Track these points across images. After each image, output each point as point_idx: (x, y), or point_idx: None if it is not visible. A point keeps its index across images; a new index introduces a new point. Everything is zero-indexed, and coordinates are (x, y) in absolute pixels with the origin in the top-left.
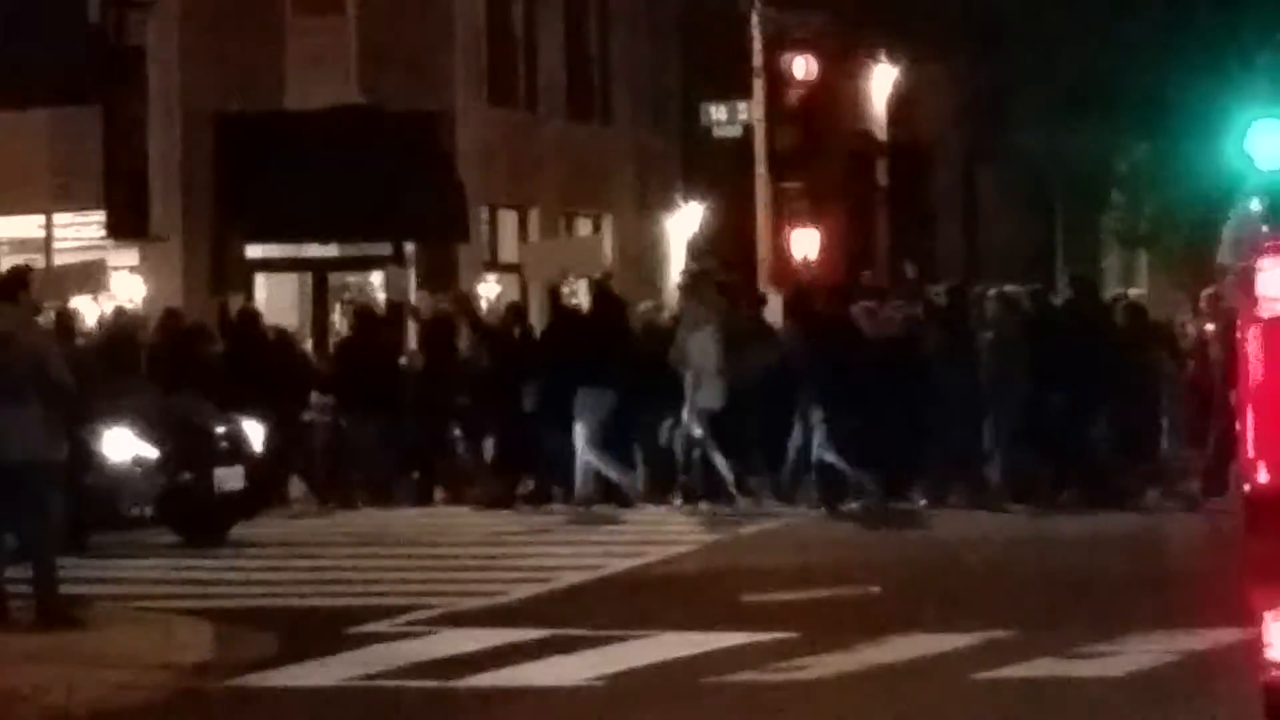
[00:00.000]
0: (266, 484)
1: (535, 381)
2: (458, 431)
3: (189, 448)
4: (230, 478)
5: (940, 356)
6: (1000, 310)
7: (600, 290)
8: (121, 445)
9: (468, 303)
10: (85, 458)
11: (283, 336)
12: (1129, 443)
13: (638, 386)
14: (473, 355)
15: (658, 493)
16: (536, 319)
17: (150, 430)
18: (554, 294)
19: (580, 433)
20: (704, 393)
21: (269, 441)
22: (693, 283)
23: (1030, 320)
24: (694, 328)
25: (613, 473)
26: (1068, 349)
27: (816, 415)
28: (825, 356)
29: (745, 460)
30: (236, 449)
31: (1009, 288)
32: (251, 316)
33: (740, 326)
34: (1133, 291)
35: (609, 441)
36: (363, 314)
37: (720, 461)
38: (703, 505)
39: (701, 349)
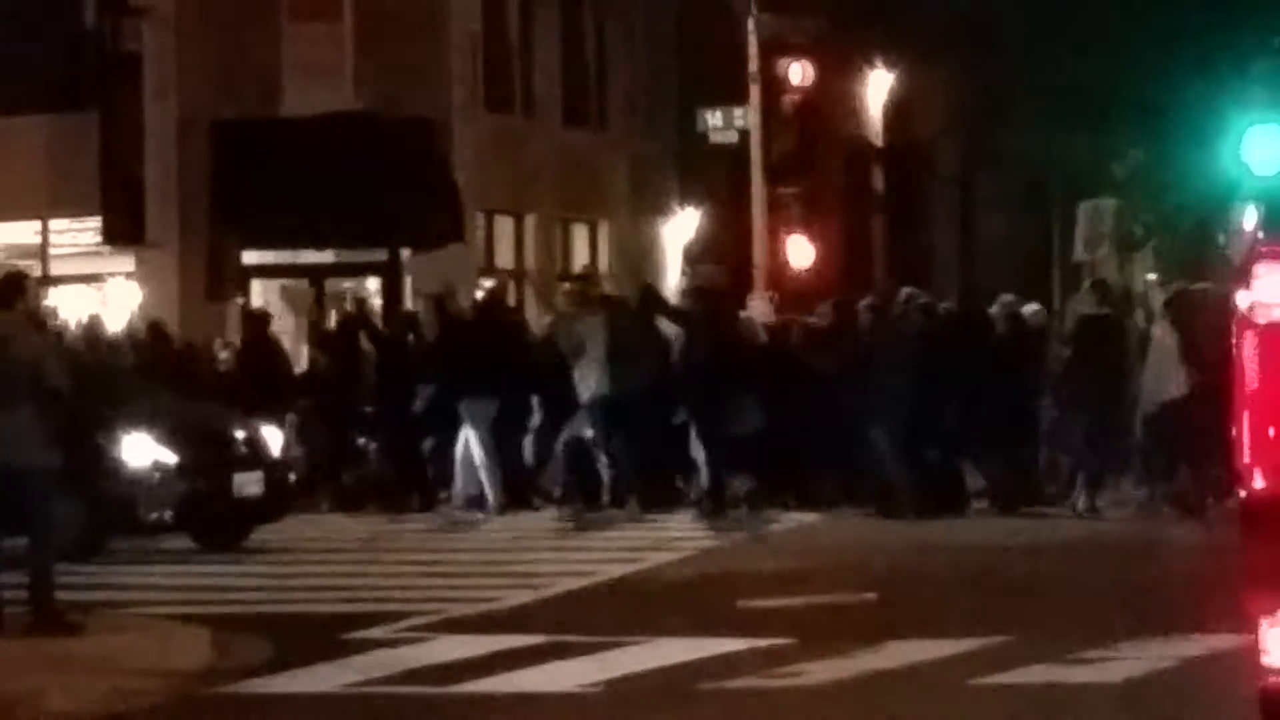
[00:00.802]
0: (287, 489)
1: (424, 388)
2: (362, 439)
3: (208, 453)
4: (249, 483)
5: (827, 367)
6: (881, 321)
7: (489, 300)
8: (141, 451)
9: (362, 307)
10: (104, 463)
11: (188, 348)
12: (1007, 449)
13: (528, 395)
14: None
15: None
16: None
17: (170, 436)
18: (439, 303)
19: (471, 439)
20: (594, 380)
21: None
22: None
23: (916, 330)
24: (583, 316)
25: (486, 479)
26: (950, 358)
27: (689, 419)
28: (703, 363)
29: (620, 467)
30: (256, 454)
31: (903, 297)
32: (159, 329)
33: (627, 329)
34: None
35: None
36: (256, 319)
37: (603, 462)
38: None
39: (591, 335)
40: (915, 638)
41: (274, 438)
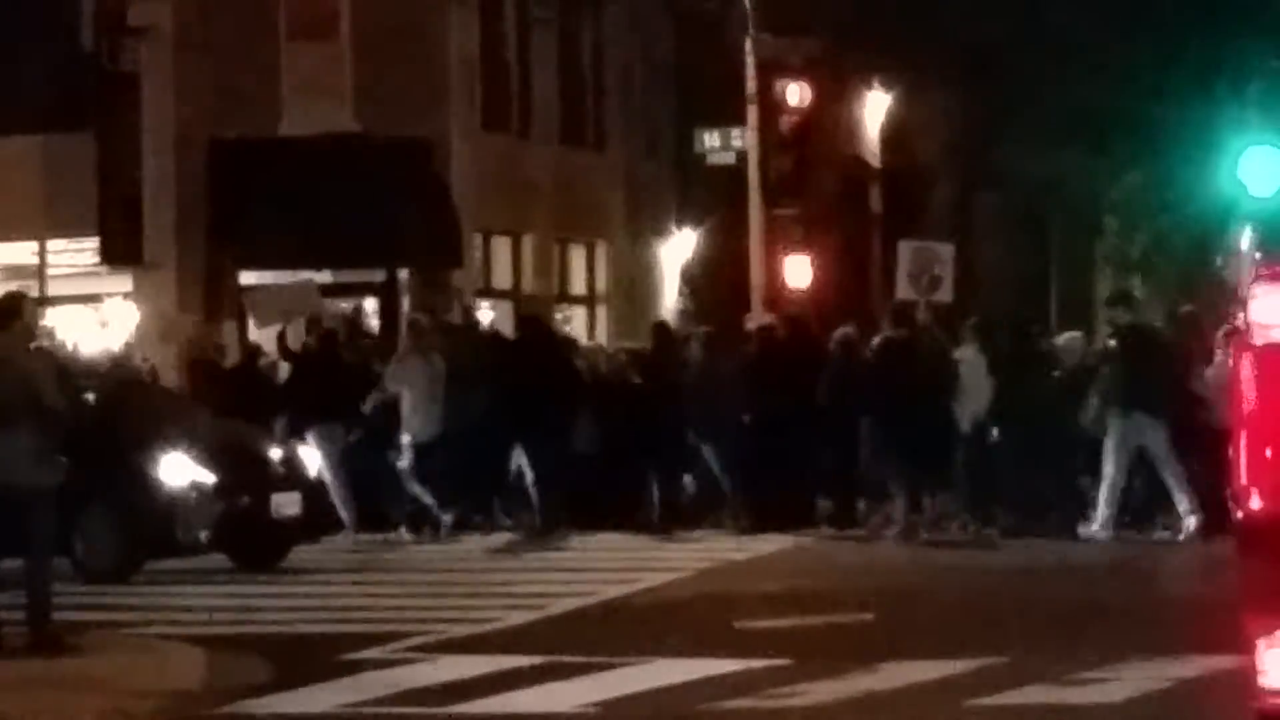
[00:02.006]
0: (324, 510)
1: (279, 420)
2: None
3: (246, 473)
4: (287, 503)
5: (648, 394)
6: (701, 350)
7: (328, 331)
8: (178, 470)
9: (207, 339)
10: (140, 483)
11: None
12: (843, 470)
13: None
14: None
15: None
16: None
17: (207, 455)
18: (281, 337)
19: (323, 466)
20: (411, 422)
21: None
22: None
23: (743, 356)
24: (405, 356)
25: (340, 503)
26: (780, 383)
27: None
28: (530, 390)
29: (462, 492)
30: (293, 474)
31: (756, 324)
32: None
33: (464, 362)
34: None
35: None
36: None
37: (419, 491)
38: (405, 534)
39: (410, 378)
40: (912, 659)
41: (311, 458)
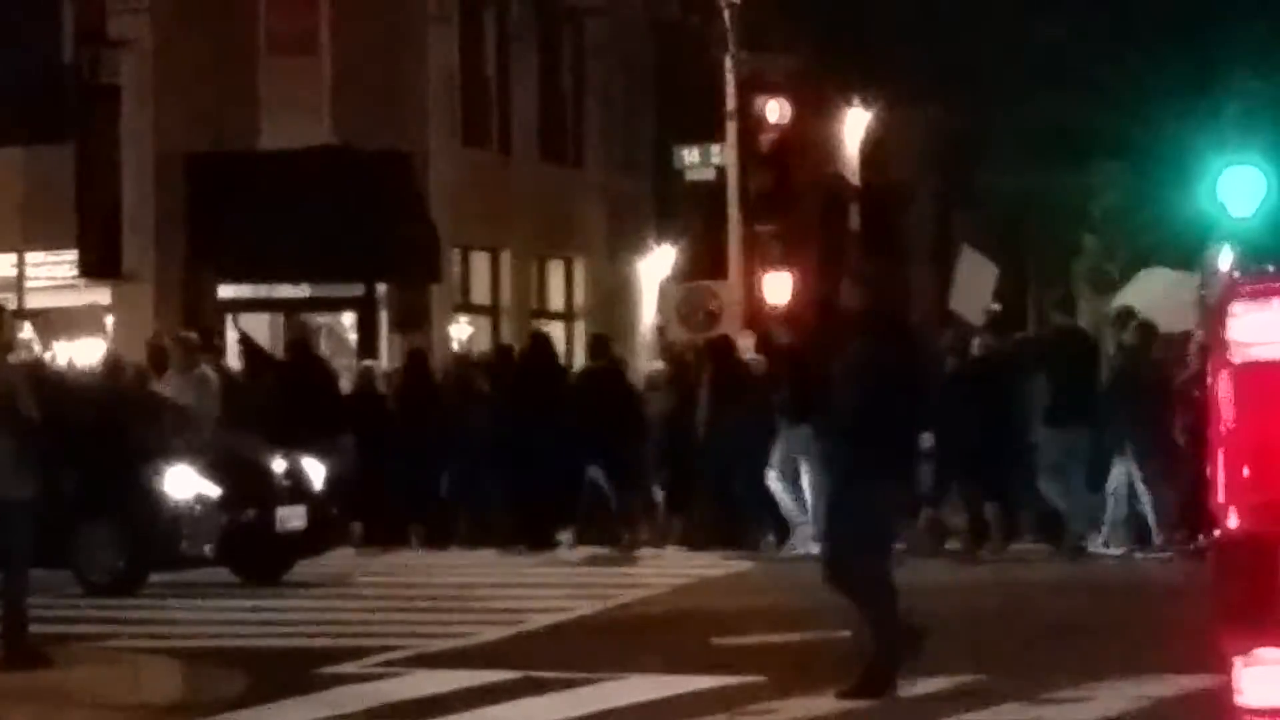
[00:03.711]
0: (329, 523)
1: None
2: None
3: (251, 486)
4: (292, 517)
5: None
6: (464, 372)
7: (114, 360)
8: (183, 483)
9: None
10: (144, 496)
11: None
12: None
13: None
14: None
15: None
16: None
17: (212, 468)
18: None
19: None
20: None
21: None
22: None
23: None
24: (172, 376)
25: None
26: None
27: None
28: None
29: None
30: (299, 487)
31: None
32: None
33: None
34: None
35: None
36: None
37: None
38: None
39: (178, 393)
40: None
41: (316, 471)
